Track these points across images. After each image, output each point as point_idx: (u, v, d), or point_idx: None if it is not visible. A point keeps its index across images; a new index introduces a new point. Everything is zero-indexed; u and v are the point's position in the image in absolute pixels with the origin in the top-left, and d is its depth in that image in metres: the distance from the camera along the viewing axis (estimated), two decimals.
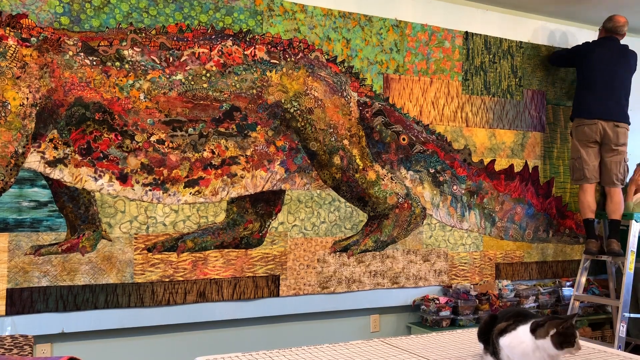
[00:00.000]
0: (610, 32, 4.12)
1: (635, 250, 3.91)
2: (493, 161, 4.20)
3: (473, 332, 2.00)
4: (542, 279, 4.45)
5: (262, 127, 3.45)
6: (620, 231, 4.00)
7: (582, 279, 4.05)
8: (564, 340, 1.45)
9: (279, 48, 3.51)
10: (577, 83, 4.19)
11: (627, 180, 4.25)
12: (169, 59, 3.22)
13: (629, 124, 4.02)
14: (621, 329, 3.76)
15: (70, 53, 3.00)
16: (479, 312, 3.88)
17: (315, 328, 3.71)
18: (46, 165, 2.96)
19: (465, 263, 4.09)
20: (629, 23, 4.26)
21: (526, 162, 4.32)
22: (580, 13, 4.56)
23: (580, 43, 4.45)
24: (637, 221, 3.96)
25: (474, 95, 4.16)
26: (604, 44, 4.11)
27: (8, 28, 2.89)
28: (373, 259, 3.78)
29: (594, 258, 4.08)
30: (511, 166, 4.26)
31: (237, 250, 3.40)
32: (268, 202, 3.48)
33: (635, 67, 4.16)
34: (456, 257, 4.07)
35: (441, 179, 4.00)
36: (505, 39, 4.32)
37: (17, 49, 2.89)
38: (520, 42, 4.38)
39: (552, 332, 1.46)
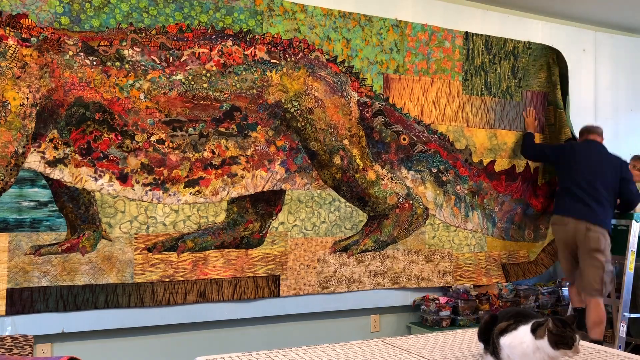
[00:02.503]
0: (589, 133, 3.95)
1: (635, 250, 3.89)
2: (493, 162, 4.19)
3: (473, 332, 2.00)
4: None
5: (263, 127, 3.44)
6: (620, 231, 4.00)
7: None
8: (560, 341, 1.45)
9: (279, 48, 3.50)
10: (559, 182, 4.00)
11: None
12: (169, 59, 3.22)
13: (606, 229, 3.67)
14: (621, 329, 3.75)
15: (71, 53, 3.00)
16: (479, 312, 3.87)
17: (315, 328, 3.71)
18: (46, 165, 2.96)
19: (470, 264, 4.08)
20: (631, 21, 4.25)
21: (527, 163, 4.31)
22: (580, 13, 4.56)
23: (581, 44, 4.46)
24: (637, 221, 3.92)
25: (474, 95, 4.16)
26: (584, 145, 3.91)
27: (8, 28, 2.89)
28: (373, 259, 3.77)
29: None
30: (513, 167, 4.25)
31: (237, 250, 3.39)
32: (268, 202, 3.48)
33: (618, 174, 3.81)
34: (461, 258, 4.06)
35: (444, 178, 4.00)
36: (505, 39, 4.32)
37: (17, 49, 2.89)
38: (525, 42, 4.37)
39: (547, 331, 1.46)
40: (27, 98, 2.90)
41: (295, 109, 3.53)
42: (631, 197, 3.83)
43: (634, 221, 3.92)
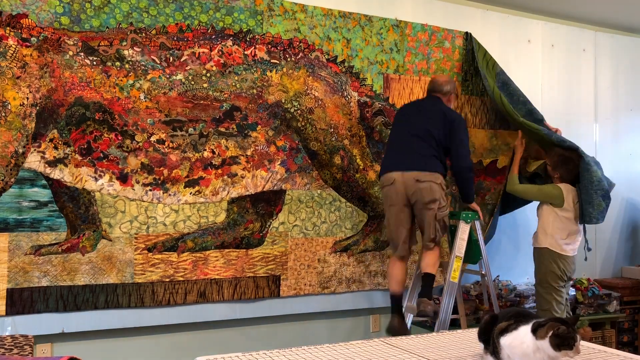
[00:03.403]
0: (429, 92, 3.54)
1: (461, 255, 3.33)
2: (494, 161, 4.15)
3: (473, 332, 2.00)
4: None
5: (263, 126, 3.44)
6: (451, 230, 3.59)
7: (417, 288, 3.50)
8: (562, 343, 1.45)
9: (279, 48, 3.50)
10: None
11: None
12: (169, 59, 3.22)
13: (441, 174, 3.26)
14: None
15: (71, 53, 3.00)
16: (479, 312, 3.87)
17: (315, 328, 3.71)
18: (46, 165, 2.96)
19: None
20: (631, 21, 4.22)
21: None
22: (580, 13, 4.56)
23: (581, 44, 4.43)
24: (467, 222, 3.40)
25: (474, 95, 4.15)
26: (415, 102, 3.63)
27: (8, 28, 2.89)
28: (373, 259, 3.77)
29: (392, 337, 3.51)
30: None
31: (237, 250, 3.39)
32: (268, 202, 3.48)
33: (446, 121, 3.33)
34: None
35: None
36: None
37: (17, 49, 2.89)
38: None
39: (550, 333, 1.46)
40: (27, 98, 2.90)
41: (296, 108, 3.53)
42: (458, 161, 3.34)
43: (462, 222, 3.41)
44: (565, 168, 3.56)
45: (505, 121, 4.13)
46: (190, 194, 3.26)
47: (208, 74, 3.30)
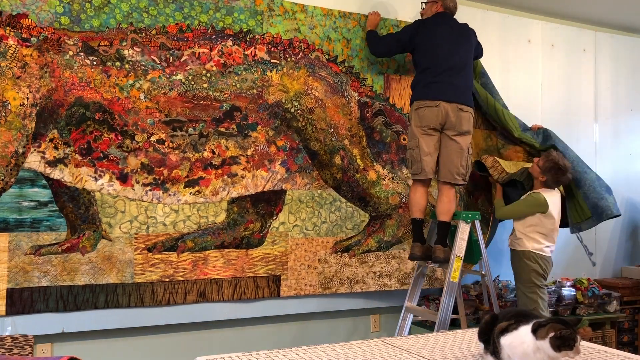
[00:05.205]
0: (448, 9, 3.60)
1: (461, 255, 3.31)
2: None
3: (473, 332, 1.99)
4: None
5: (263, 126, 3.44)
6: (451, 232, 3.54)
7: (417, 288, 3.59)
8: (562, 344, 1.45)
9: (279, 48, 3.50)
10: (418, 67, 3.55)
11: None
12: (169, 59, 3.22)
13: (474, 108, 3.50)
14: None
15: (71, 53, 3.00)
16: (479, 312, 3.87)
17: (315, 328, 3.70)
18: (46, 165, 2.96)
19: None
20: (631, 21, 4.23)
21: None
22: (580, 13, 4.56)
23: (581, 44, 4.41)
24: (467, 222, 3.40)
25: None
26: (443, 22, 3.56)
27: (8, 28, 2.89)
28: (377, 260, 3.76)
29: (421, 264, 3.53)
30: None
31: (237, 250, 3.39)
32: (269, 202, 3.48)
33: (474, 46, 3.64)
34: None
35: None
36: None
37: (17, 48, 2.89)
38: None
39: (551, 334, 1.46)
40: (27, 98, 2.90)
41: (296, 108, 3.53)
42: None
43: (462, 222, 3.39)
44: (554, 176, 3.52)
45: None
46: (190, 194, 3.26)
47: (208, 74, 3.30)
